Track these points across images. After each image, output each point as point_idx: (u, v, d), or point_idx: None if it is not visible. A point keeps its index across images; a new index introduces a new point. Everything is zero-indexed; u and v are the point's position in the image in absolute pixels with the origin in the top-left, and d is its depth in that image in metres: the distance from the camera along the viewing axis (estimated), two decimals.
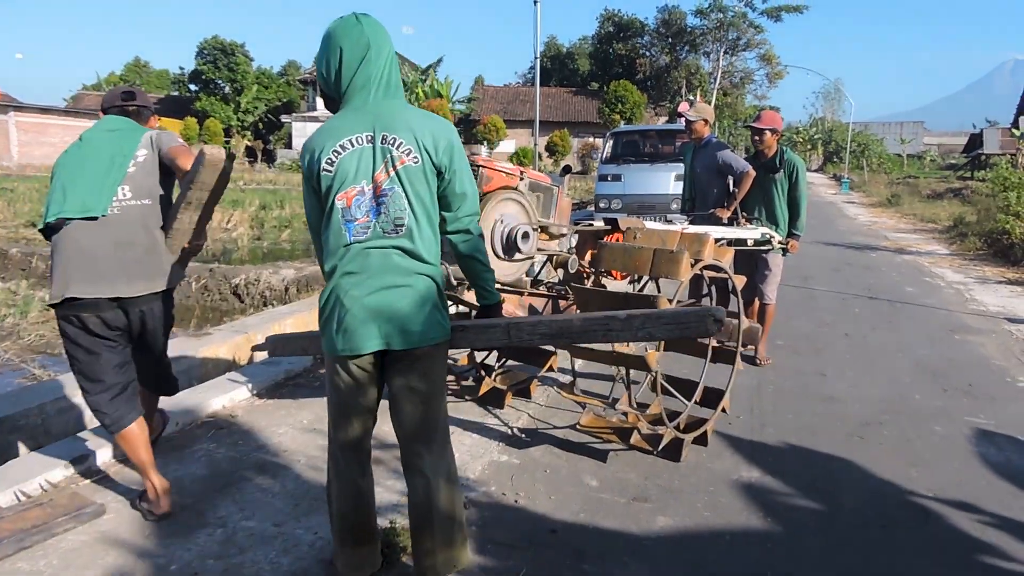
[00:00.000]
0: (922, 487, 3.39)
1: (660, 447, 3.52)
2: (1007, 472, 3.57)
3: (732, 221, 5.26)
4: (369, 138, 2.22)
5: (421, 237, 2.24)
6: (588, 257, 4.01)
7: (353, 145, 2.22)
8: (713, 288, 4.20)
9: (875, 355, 5.57)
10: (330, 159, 2.22)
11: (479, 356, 4.53)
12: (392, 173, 2.21)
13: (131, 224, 2.92)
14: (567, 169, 4.93)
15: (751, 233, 4.99)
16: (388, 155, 2.21)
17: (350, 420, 2.36)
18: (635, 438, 3.53)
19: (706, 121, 5.55)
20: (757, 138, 5.27)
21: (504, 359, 4.70)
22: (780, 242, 5.15)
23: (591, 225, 4.20)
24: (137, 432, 2.96)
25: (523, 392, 4.44)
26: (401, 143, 2.21)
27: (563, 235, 4.21)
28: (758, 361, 5.21)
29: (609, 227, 3.98)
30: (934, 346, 5.87)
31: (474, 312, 3.66)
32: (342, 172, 2.21)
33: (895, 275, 9.50)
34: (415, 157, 2.22)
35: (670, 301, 3.26)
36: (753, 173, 5.25)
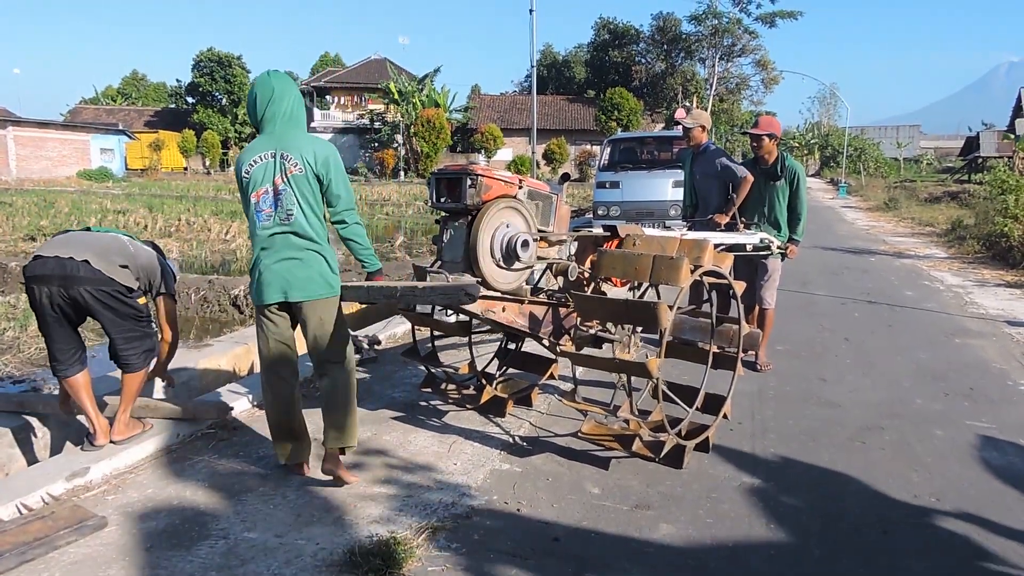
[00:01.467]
0: (923, 491, 3.39)
1: (662, 454, 3.52)
2: (1009, 476, 3.57)
3: (731, 227, 5.26)
4: (272, 155, 3.21)
5: (309, 224, 3.23)
6: (588, 264, 4.02)
7: (262, 159, 3.23)
8: (714, 293, 4.21)
9: (875, 359, 5.58)
10: (247, 169, 3.25)
11: (479, 365, 4.53)
12: (286, 179, 3.20)
13: (107, 236, 3.63)
14: (565, 177, 4.94)
15: (750, 238, 4.99)
16: (283, 167, 3.20)
17: (271, 350, 3.36)
18: (637, 445, 3.53)
19: (703, 127, 5.55)
20: (756, 144, 5.26)
21: (505, 367, 4.70)
22: (779, 247, 5.16)
23: (590, 232, 4.22)
24: (80, 381, 3.55)
25: (524, 400, 4.44)
26: (291, 158, 3.19)
27: (562, 243, 4.21)
28: (758, 367, 5.21)
29: (608, 234, 3.99)
30: (934, 350, 5.87)
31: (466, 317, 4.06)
32: (254, 178, 3.23)
33: (894, 279, 9.51)
34: (300, 168, 3.20)
35: (670, 308, 3.27)
36: (751, 179, 5.24)
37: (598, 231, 4.13)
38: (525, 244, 3.68)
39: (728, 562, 2.81)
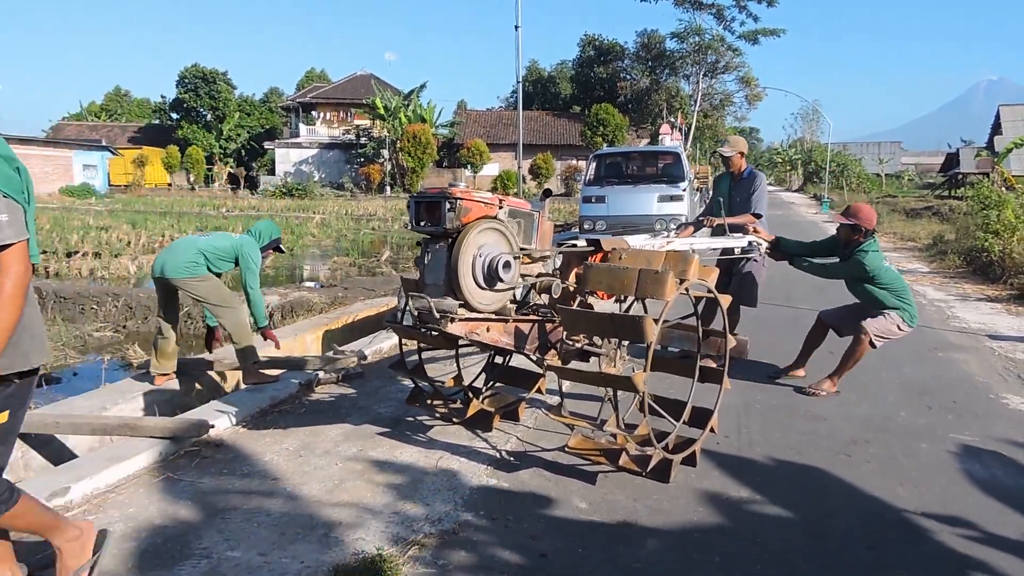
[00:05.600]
0: (909, 505, 3.40)
1: (648, 468, 3.51)
2: (993, 489, 3.59)
3: (720, 231, 5.48)
4: None
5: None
6: (573, 278, 4.03)
7: None
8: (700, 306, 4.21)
9: (860, 373, 5.60)
10: None
11: (467, 378, 4.51)
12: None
13: None
14: (547, 193, 4.96)
15: (738, 242, 5.11)
16: None
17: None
18: (624, 459, 3.52)
19: (742, 153, 5.80)
20: (844, 231, 5.18)
21: (492, 382, 4.69)
22: (767, 250, 5.34)
23: (574, 246, 4.23)
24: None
25: (511, 415, 4.42)
26: None
27: (546, 258, 4.21)
28: (812, 392, 5.10)
29: (592, 248, 4.00)
30: (918, 364, 5.91)
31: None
32: None
33: None
34: None
35: (656, 321, 3.28)
36: (755, 220, 5.52)
37: (582, 244, 4.15)
38: (507, 265, 3.61)
39: None
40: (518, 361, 4.73)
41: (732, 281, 5.60)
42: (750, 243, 5.14)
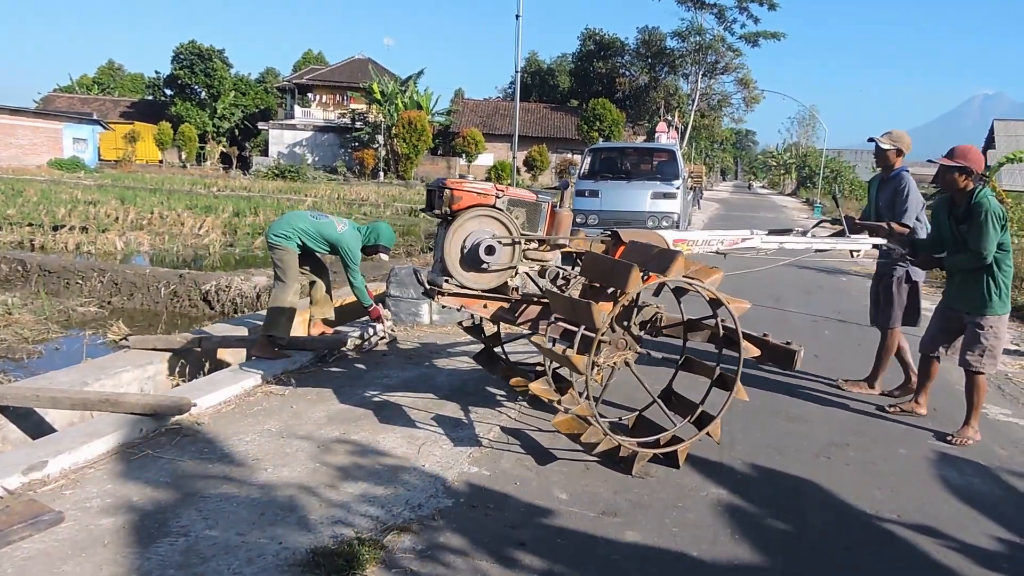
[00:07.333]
0: (885, 509, 3.43)
1: (595, 451, 3.61)
2: (968, 495, 3.62)
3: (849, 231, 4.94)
4: None
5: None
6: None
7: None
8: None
9: (843, 376, 5.64)
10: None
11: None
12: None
13: None
14: (566, 184, 5.07)
15: (861, 245, 4.82)
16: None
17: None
18: (584, 436, 3.62)
19: (900, 152, 4.93)
20: (943, 179, 4.31)
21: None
22: (902, 255, 4.78)
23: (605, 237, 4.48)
24: None
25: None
26: None
27: (561, 247, 4.37)
28: (953, 439, 4.37)
29: (619, 240, 4.20)
30: (901, 370, 5.94)
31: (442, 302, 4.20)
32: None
33: (865, 300, 9.59)
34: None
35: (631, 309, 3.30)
36: (904, 231, 4.81)
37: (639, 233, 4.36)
38: (490, 249, 3.91)
39: (692, 572, 2.82)
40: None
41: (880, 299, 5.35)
42: (887, 249, 4.79)
